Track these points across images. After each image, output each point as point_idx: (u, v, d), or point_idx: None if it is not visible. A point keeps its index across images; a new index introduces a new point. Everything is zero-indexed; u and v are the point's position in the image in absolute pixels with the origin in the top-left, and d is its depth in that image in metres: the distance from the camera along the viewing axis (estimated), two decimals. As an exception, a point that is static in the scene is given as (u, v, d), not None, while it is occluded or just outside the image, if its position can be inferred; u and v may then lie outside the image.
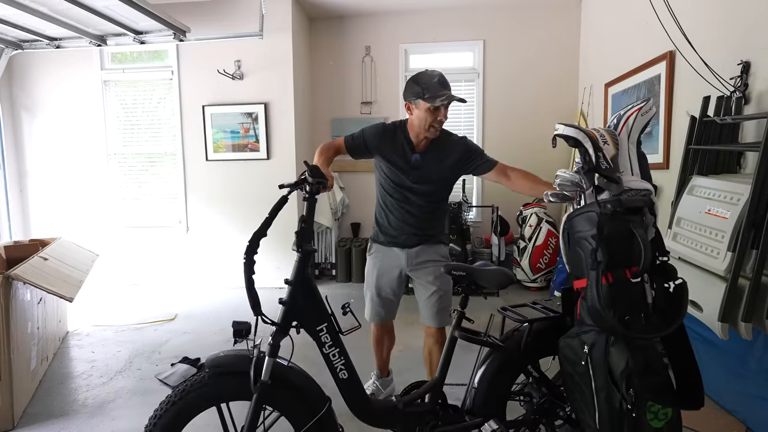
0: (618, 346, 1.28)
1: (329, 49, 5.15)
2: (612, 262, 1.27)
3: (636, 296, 1.27)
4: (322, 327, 1.45)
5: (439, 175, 2.03)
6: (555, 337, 1.50)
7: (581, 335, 1.37)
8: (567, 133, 1.40)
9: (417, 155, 2.01)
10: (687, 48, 2.50)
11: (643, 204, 1.33)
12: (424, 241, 2.07)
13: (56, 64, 4.72)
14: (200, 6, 4.45)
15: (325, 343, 1.46)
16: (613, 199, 1.31)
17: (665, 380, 1.29)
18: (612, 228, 1.29)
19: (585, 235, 1.34)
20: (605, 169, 1.34)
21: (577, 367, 1.38)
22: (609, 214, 1.29)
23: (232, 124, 4.63)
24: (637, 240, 1.27)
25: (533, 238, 4.35)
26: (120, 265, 4.81)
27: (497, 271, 1.61)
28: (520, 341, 1.56)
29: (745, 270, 1.76)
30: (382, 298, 2.17)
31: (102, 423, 2.27)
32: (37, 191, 4.93)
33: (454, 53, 5.09)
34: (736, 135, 2.21)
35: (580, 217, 1.38)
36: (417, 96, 1.89)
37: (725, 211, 1.86)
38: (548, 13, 4.83)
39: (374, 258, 2.17)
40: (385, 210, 2.12)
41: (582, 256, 1.36)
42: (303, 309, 1.44)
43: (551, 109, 4.85)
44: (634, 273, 1.27)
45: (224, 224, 4.73)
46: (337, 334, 1.48)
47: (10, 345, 2.21)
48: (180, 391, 1.37)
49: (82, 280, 2.80)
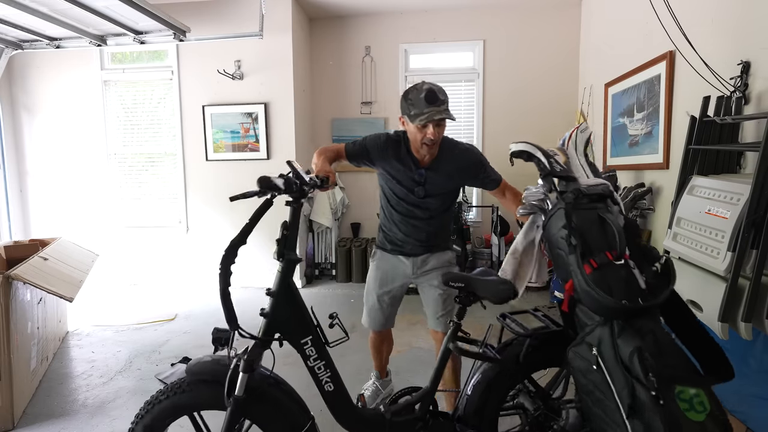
0: (625, 335, 1.21)
1: (329, 49, 5.15)
2: (591, 249, 1.30)
3: (625, 279, 1.27)
4: (306, 340, 1.38)
5: (446, 189, 2.00)
6: (554, 349, 1.47)
7: (585, 338, 1.34)
8: (519, 149, 1.50)
9: (422, 170, 1.94)
10: (687, 48, 2.50)
11: (602, 192, 1.40)
12: (430, 249, 2.05)
13: (56, 64, 4.73)
14: (200, 6, 4.45)
15: (310, 356, 1.39)
16: (573, 189, 1.38)
17: (684, 360, 1.21)
18: (580, 217, 1.34)
19: (559, 233, 1.37)
20: (560, 171, 1.42)
21: (590, 375, 1.28)
22: (572, 203, 1.35)
23: (232, 124, 4.63)
24: (608, 224, 1.33)
25: (533, 238, 4.34)
26: (120, 265, 4.81)
27: (498, 284, 1.53)
28: (518, 354, 1.51)
29: (745, 270, 1.76)
30: (383, 307, 2.14)
31: (102, 423, 2.27)
32: (37, 191, 4.93)
33: (454, 53, 5.09)
34: (736, 135, 2.21)
35: (550, 220, 1.43)
36: (404, 112, 1.85)
37: (725, 211, 1.86)
38: (548, 13, 4.83)
39: (378, 265, 2.14)
40: (390, 222, 2.08)
41: (563, 255, 1.36)
42: (286, 321, 1.37)
43: (551, 109, 4.85)
44: (615, 256, 1.28)
45: (224, 224, 4.73)
46: (323, 346, 1.41)
47: (10, 345, 2.21)
48: (155, 398, 1.35)
49: (82, 280, 2.80)
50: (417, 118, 1.78)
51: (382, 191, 2.10)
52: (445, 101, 1.81)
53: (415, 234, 2.02)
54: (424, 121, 1.77)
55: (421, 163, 1.94)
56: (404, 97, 1.85)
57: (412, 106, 1.80)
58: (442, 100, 1.80)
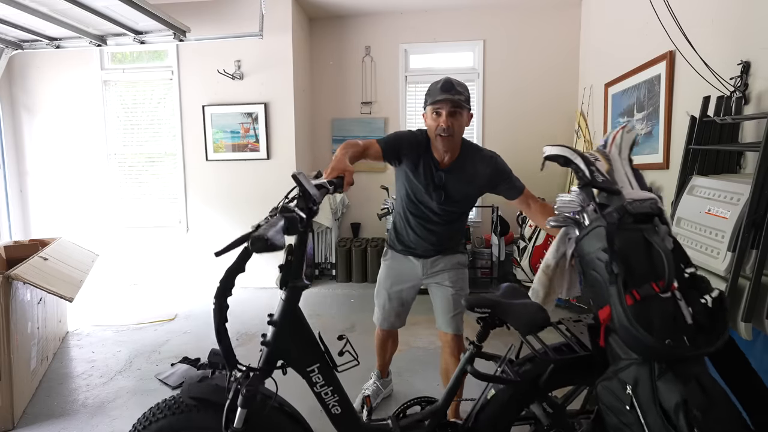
0: (666, 378, 1.08)
1: (329, 49, 5.15)
2: (634, 277, 1.13)
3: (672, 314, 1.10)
4: (313, 368, 1.27)
5: (465, 194, 1.96)
6: (578, 372, 1.38)
7: (619, 374, 1.18)
8: (554, 153, 1.34)
9: (442, 173, 1.91)
10: (687, 48, 2.50)
11: (650, 210, 1.21)
12: (441, 252, 2.04)
13: (56, 64, 4.73)
14: (200, 6, 4.45)
15: (316, 383, 1.29)
16: (617, 207, 1.20)
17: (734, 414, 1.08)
18: (623, 239, 1.16)
19: (596, 254, 1.21)
20: (602, 182, 1.24)
21: (623, 417, 1.15)
22: (615, 223, 1.18)
23: (232, 124, 4.63)
24: (655, 249, 1.14)
25: (533, 238, 4.35)
26: (120, 265, 4.81)
27: (532, 311, 1.35)
28: (538, 377, 1.38)
29: (745, 270, 1.76)
30: (394, 306, 2.13)
31: (102, 423, 2.27)
32: (37, 191, 4.93)
33: (454, 53, 5.09)
34: (736, 135, 2.21)
35: (587, 237, 1.26)
36: (424, 105, 1.89)
37: (725, 211, 1.86)
38: (548, 13, 4.83)
39: (389, 264, 2.13)
40: (405, 224, 2.05)
41: (600, 279, 1.20)
42: (290, 350, 1.27)
43: (551, 109, 4.85)
44: (662, 287, 1.12)
45: (224, 224, 4.73)
46: (331, 371, 1.30)
47: (10, 345, 2.21)
48: (152, 414, 1.29)
49: (82, 280, 2.80)
50: (430, 103, 1.82)
51: (399, 193, 2.07)
52: (463, 92, 1.82)
53: (428, 237, 2.00)
54: (437, 105, 1.79)
55: (441, 164, 1.91)
56: (426, 90, 1.90)
57: (428, 95, 1.85)
58: (459, 91, 1.81)
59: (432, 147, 1.91)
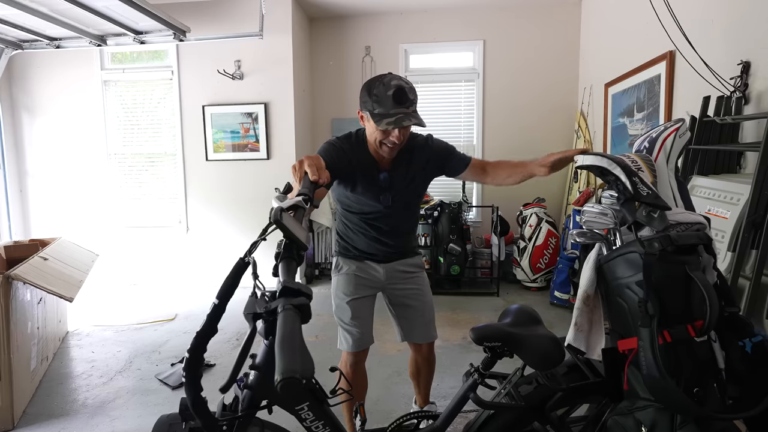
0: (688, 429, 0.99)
1: (329, 49, 5.15)
2: (667, 316, 1.01)
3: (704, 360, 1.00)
4: (303, 406, 1.18)
5: (413, 189, 1.78)
6: (586, 396, 1.33)
7: (635, 413, 1.08)
8: (589, 163, 1.18)
9: (385, 173, 1.69)
10: (687, 48, 2.50)
11: (697, 241, 1.06)
12: (402, 253, 1.85)
13: (56, 64, 4.72)
14: (200, 6, 4.45)
15: (306, 419, 1.19)
16: (660, 235, 1.04)
17: None
18: (662, 272, 1.02)
19: (627, 282, 1.08)
20: (647, 196, 1.05)
21: None
22: (656, 254, 1.01)
23: (232, 124, 4.63)
24: (696, 286, 1.00)
25: (533, 238, 4.35)
26: (120, 265, 4.81)
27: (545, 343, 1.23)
28: (544, 401, 1.30)
29: (745, 270, 1.76)
30: (362, 320, 1.81)
31: (102, 423, 2.27)
32: (37, 191, 4.93)
33: (454, 53, 5.09)
34: (736, 135, 2.21)
35: (618, 259, 1.11)
36: (366, 108, 1.57)
37: (725, 211, 1.86)
38: (548, 13, 4.83)
39: (346, 274, 1.81)
40: (356, 231, 1.81)
41: (626, 308, 1.09)
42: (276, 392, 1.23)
43: (551, 109, 4.85)
44: (699, 329, 0.99)
45: (224, 224, 4.73)
46: (321, 405, 1.19)
47: (10, 345, 2.21)
48: None
49: (82, 280, 2.80)
50: (383, 120, 1.51)
51: (340, 207, 1.84)
52: (415, 101, 1.55)
53: (383, 240, 1.79)
54: (391, 125, 1.51)
55: (381, 165, 1.70)
56: (367, 90, 1.56)
57: (376, 104, 1.52)
58: (412, 100, 1.54)
59: (369, 148, 1.69)
